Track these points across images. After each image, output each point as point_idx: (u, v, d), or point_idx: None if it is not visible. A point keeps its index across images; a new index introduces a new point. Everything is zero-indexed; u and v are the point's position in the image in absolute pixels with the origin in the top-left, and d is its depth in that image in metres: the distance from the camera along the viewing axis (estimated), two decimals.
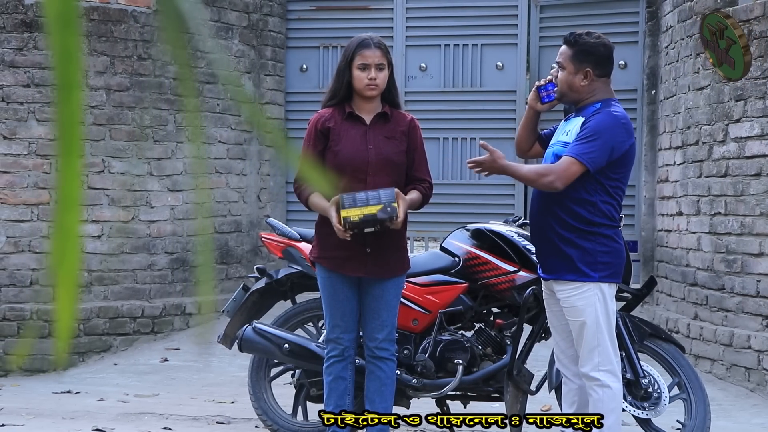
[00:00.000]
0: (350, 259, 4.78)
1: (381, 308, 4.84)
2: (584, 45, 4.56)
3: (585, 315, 4.49)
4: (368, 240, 4.72)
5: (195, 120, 2.47)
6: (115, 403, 6.66)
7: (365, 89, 4.77)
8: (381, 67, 4.77)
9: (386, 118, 4.85)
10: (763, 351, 6.90)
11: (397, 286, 4.89)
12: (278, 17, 9.59)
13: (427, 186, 4.90)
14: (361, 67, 4.75)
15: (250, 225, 9.31)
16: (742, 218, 7.16)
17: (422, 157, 4.94)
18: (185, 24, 1.11)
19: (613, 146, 4.43)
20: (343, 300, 4.84)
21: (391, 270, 4.84)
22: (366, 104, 4.84)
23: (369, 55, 4.75)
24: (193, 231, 8.66)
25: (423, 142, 4.97)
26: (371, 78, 4.75)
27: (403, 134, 4.86)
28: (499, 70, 9.37)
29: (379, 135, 4.82)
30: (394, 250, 4.84)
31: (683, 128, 7.93)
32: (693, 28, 7.74)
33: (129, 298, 8.41)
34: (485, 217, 7.68)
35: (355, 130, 4.81)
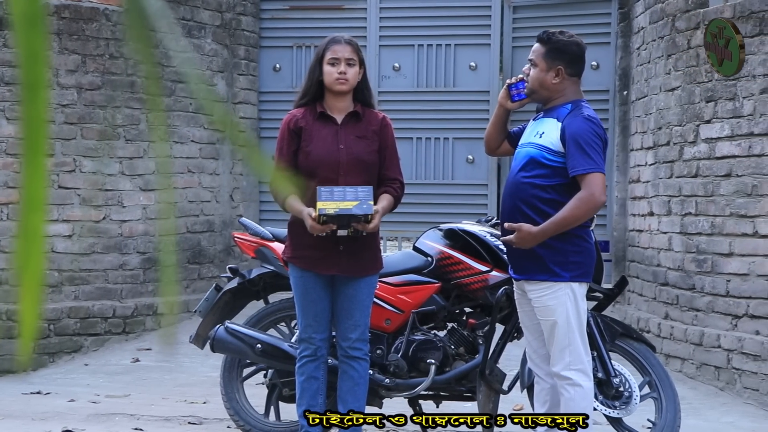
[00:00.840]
0: (323, 258, 4.78)
1: (354, 308, 4.84)
2: (557, 43, 4.60)
3: (556, 314, 4.51)
4: (341, 239, 4.73)
5: (161, 121, 2.47)
6: (86, 404, 6.62)
7: (335, 83, 4.78)
8: (351, 63, 4.80)
9: (358, 118, 4.86)
10: (733, 350, 6.95)
11: (369, 286, 4.90)
12: (251, 16, 9.57)
13: (398, 186, 4.91)
14: (331, 62, 4.78)
15: (223, 225, 9.28)
16: (712, 218, 7.21)
17: (394, 156, 4.95)
18: (151, 22, 1.10)
19: (603, 146, 4.52)
20: (315, 300, 4.84)
21: (364, 268, 4.84)
22: (337, 103, 4.85)
23: (339, 50, 4.79)
24: (165, 231, 8.62)
25: (395, 141, 4.98)
26: (341, 72, 4.77)
27: (375, 133, 4.87)
28: (472, 70, 9.39)
29: (351, 134, 4.82)
30: (367, 249, 4.85)
31: (654, 129, 7.98)
32: (664, 29, 7.79)
33: (100, 298, 8.36)
34: (458, 217, 7.70)
35: (327, 130, 4.81)
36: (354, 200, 4.59)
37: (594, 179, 4.43)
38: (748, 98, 6.92)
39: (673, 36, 7.65)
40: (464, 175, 9.40)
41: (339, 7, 9.61)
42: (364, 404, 4.99)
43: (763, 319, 6.81)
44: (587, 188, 4.42)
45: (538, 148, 4.58)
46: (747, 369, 6.84)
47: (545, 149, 4.55)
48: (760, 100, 6.84)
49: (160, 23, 1.12)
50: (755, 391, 6.77)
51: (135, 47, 1.14)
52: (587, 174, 4.43)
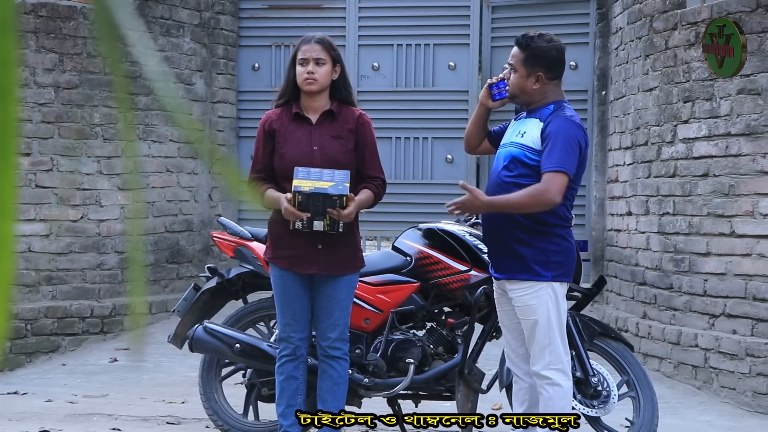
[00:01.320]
0: (302, 257, 4.78)
1: (333, 307, 4.84)
2: (536, 49, 4.58)
3: (537, 314, 4.52)
4: (320, 238, 4.72)
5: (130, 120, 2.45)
6: (63, 404, 6.58)
7: (304, 83, 4.80)
8: (320, 62, 4.80)
9: (333, 116, 4.85)
10: (710, 349, 6.99)
11: (349, 285, 4.89)
12: (230, 15, 9.54)
13: (379, 183, 4.90)
14: (301, 62, 4.80)
15: (202, 224, 9.25)
16: (689, 218, 7.25)
17: (374, 154, 4.94)
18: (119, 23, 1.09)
19: (579, 150, 4.49)
20: (294, 299, 4.83)
21: (343, 267, 4.84)
22: (312, 103, 4.85)
23: (307, 50, 4.80)
24: (143, 230, 8.59)
25: (375, 139, 4.97)
26: (309, 72, 4.77)
27: (351, 132, 4.86)
28: (452, 70, 9.40)
29: (326, 135, 4.82)
30: (346, 247, 4.84)
31: (633, 129, 8.01)
32: (642, 30, 7.82)
33: (78, 297, 8.32)
34: (437, 216, 7.70)
35: (301, 131, 4.81)
36: (330, 181, 4.61)
37: (554, 178, 4.41)
38: (725, 98, 6.96)
39: (651, 36, 7.69)
40: (443, 175, 9.41)
41: (318, 6, 9.60)
42: (344, 404, 4.99)
43: (740, 319, 6.85)
44: (545, 183, 4.41)
45: (520, 147, 4.58)
46: (724, 368, 6.88)
47: (527, 148, 4.55)
48: (737, 101, 6.88)
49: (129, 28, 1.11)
50: (732, 390, 6.81)
51: (103, 46, 1.13)
52: (549, 171, 4.43)
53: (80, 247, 8.35)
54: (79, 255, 8.34)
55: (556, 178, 4.40)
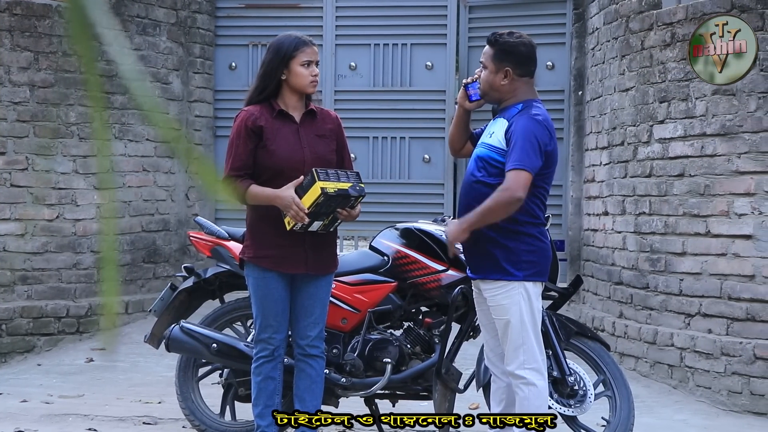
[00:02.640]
0: (289, 256, 4.76)
1: (315, 305, 4.85)
2: (504, 45, 4.62)
3: (510, 313, 4.53)
4: (306, 237, 4.73)
5: (103, 119, 2.45)
6: (39, 405, 6.55)
7: (309, 86, 4.82)
8: (317, 64, 4.88)
9: (314, 116, 4.87)
10: (686, 348, 7.03)
11: (329, 284, 4.94)
12: (207, 14, 9.51)
13: None
14: (305, 63, 4.79)
15: (178, 223, 9.22)
16: (665, 218, 7.28)
17: (349, 156, 5.03)
18: (92, 21, 1.09)
19: (541, 149, 4.50)
20: (277, 299, 4.81)
21: (327, 266, 4.88)
22: (295, 101, 4.85)
23: (311, 53, 4.83)
24: (118, 230, 8.55)
25: (346, 140, 5.06)
26: (314, 74, 4.82)
27: (332, 132, 4.91)
28: (429, 69, 9.41)
29: (311, 133, 4.84)
30: (329, 246, 4.88)
31: (609, 129, 8.05)
32: (618, 30, 7.86)
33: (54, 297, 8.28)
34: (414, 216, 7.72)
35: (287, 129, 4.81)
36: (347, 182, 4.66)
37: (514, 176, 4.43)
38: (700, 99, 7.00)
39: (627, 37, 7.72)
40: (421, 175, 9.42)
41: (295, 5, 9.59)
42: (321, 402, 4.98)
43: (716, 318, 6.89)
44: (506, 182, 4.44)
45: (487, 148, 4.62)
46: (699, 367, 6.92)
47: (494, 149, 4.58)
48: (712, 101, 6.92)
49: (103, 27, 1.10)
50: (707, 389, 6.85)
51: (77, 45, 1.13)
52: (511, 170, 4.45)
53: (56, 246, 8.30)
54: (54, 254, 8.29)
55: (516, 176, 4.43)
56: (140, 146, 8.81)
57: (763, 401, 6.60)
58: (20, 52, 8.11)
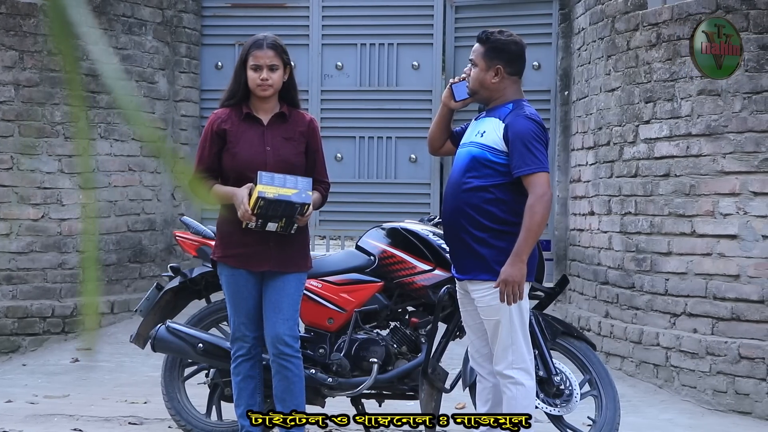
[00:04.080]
0: (254, 254, 4.77)
1: (282, 300, 4.80)
2: (496, 42, 4.63)
3: (500, 314, 4.53)
4: (271, 236, 4.73)
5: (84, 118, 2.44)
6: (24, 405, 6.52)
7: (257, 89, 4.79)
8: (274, 68, 4.78)
9: (284, 119, 4.86)
10: (671, 348, 7.05)
11: (299, 281, 4.88)
12: (193, 14, 9.49)
13: (326, 187, 4.98)
14: (253, 67, 4.77)
15: (164, 223, 9.20)
16: (651, 218, 7.30)
17: (322, 159, 4.99)
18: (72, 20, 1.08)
19: (546, 147, 4.57)
20: (247, 297, 4.82)
21: (295, 264, 4.85)
22: (263, 104, 4.84)
23: (260, 56, 4.77)
24: (101, 230, 8.53)
25: (321, 143, 5.01)
26: (263, 79, 4.76)
27: (302, 135, 4.87)
28: (415, 69, 9.42)
29: (278, 136, 4.82)
30: (297, 245, 4.85)
31: (595, 129, 8.06)
32: (604, 30, 7.88)
33: (39, 297, 8.25)
34: (401, 215, 7.71)
35: (253, 131, 4.80)
36: (293, 188, 4.62)
37: (539, 179, 4.47)
38: (685, 99, 7.02)
39: (613, 37, 7.74)
40: (407, 175, 9.43)
41: (281, 5, 9.58)
42: (304, 402, 4.96)
43: (701, 318, 6.91)
44: (533, 191, 4.45)
45: (480, 147, 4.60)
46: (685, 366, 6.94)
47: (488, 149, 4.57)
48: (698, 101, 6.94)
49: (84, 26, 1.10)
50: (693, 388, 6.88)
51: (58, 44, 1.12)
52: (532, 174, 4.46)
53: (41, 246, 8.27)
54: (39, 254, 8.26)
55: (540, 178, 4.47)
56: (126, 146, 8.79)
57: (747, 400, 6.63)
58: (5, 51, 8.08)
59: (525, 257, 4.45)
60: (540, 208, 4.44)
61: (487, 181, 4.55)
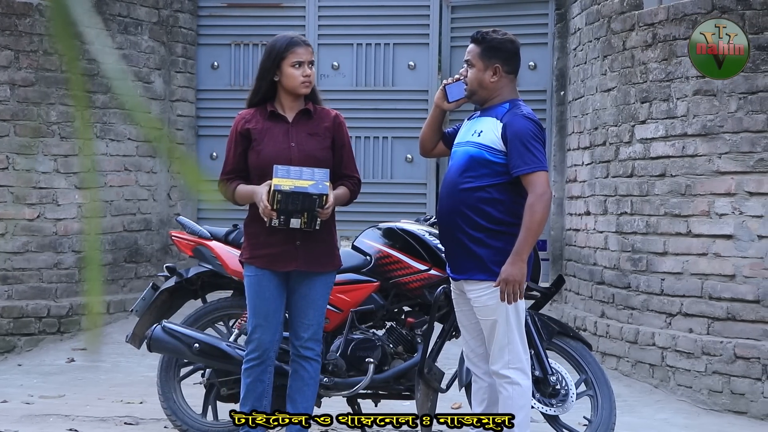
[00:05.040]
0: (281, 254, 4.75)
1: (308, 307, 4.82)
2: (492, 41, 4.63)
3: (496, 314, 4.54)
4: (297, 235, 4.71)
5: (86, 118, 2.44)
6: (19, 405, 6.51)
7: (300, 86, 4.78)
8: (312, 64, 4.82)
9: (309, 115, 4.85)
10: (667, 348, 7.06)
11: (325, 285, 4.86)
12: (189, 14, 9.49)
13: (355, 182, 4.92)
14: (296, 64, 4.76)
15: (160, 223, 9.19)
16: (647, 218, 7.31)
17: (350, 154, 4.95)
18: (76, 20, 1.08)
19: (544, 146, 4.58)
20: (268, 299, 4.79)
21: (322, 264, 4.82)
22: (290, 102, 4.83)
23: (302, 53, 4.78)
24: (100, 229, 8.52)
25: (350, 139, 4.99)
26: (306, 75, 4.77)
27: (328, 130, 4.86)
28: (411, 69, 9.42)
29: (303, 132, 4.81)
30: (324, 244, 4.82)
31: (591, 129, 8.07)
32: (600, 30, 7.88)
33: (34, 297, 8.24)
34: (397, 215, 7.72)
35: (278, 129, 4.80)
36: (310, 180, 4.59)
37: (538, 178, 4.47)
38: (681, 99, 7.03)
39: (609, 37, 7.74)
40: (403, 174, 9.43)
41: (277, 5, 9.58)
42: (313, 405, 4.97)
43: (697, 317, 6.92)
44: (533, 191, 4.45)
45: (478, 147, 4.59)
46: (680, 366, 6.95)
47: (486, 148, 4.57)
48: (693, 101, 6.95)
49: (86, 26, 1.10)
50: (688, 388, 6.88)
51: (59, 44, 1.12)
52: (531, 174, 4.47)
53: (37, 246, 8.26)
54: (35, 254, 8.25)
55: (540, 177, 4.48)
56: (122, 145, 8.78)
57: (743, 400, 6.63)
58: (0, 51, 8.07)
59: (525, 256, 4.45)
60: (540, 207, 4.44)
61: (484, 180, 4.55)
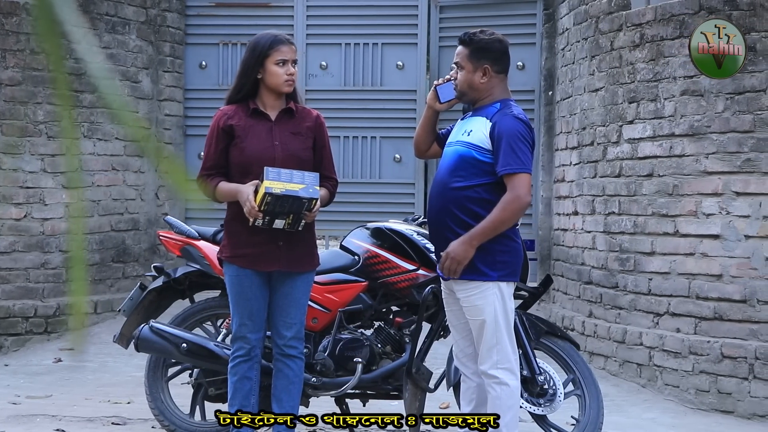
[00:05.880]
0: (263, 254, 4.75)
1: (290, 305, 4.82)
2: (480, 42, 4.62)
3: (485, 314, 4.54)
4: (280, 235, 4.71)
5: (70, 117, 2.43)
6: (6, 405, 6.49)
7: (283, 85, 4.78)
8: (295, 63, 4.82)
9: (291, 114, 4.85)
10: (654, 347, 7.07)
11: (306, 284, 4.88)
12: (177, 13, 9.47)
13: (334, 184, 4.94)
14: (279, 62, 4.76)
15: (148, 223, 9.17)
16: (635, 218, 7.33)
17: (329, 155, 4.98)
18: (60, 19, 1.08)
19: (531, 148, 4.56)
20: (251, 298, 4.80)
21: (303, 264, 4.83)
22: (272, 101, 4.83)
23: (286, 51, 4.79)
24: (87, 229, 8.49)
25: (329, 139, 4.99)
26: (290, 74, 4.78)
27: (310, 130, 4.87)
28: (400, 69, 9.42)
29: (285, 131, 4.81)
30: (305, 244, 4.83)
31: (579, 129, 8.08)
32: (588, 30, 7.90)
33: (21, 297, 8.21)
34: (385, 215, 7.72)
35: (261, 126, 4.80)
36: (300, 183, 4.59)
37: (520, 180, 4.46)
38: (669, 99, 7.05)
39: (597, 37, 7.76)
40: (391, 174, 9.43)
41: (266, 4, 9.57)
42: (299, 403, 4.97)
43: (684, 317, 6.94)
44: (512, 190, 4.45)
45: (466, 146, 4.59)
46: (668, 366, 6.97)
47: (475, 147, 4.56)
48: (681, 102, 6.96)
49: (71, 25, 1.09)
50: (676, 387, 6.90)
51: (44, 43, 1.12)
52: (514, 174, 4.46)
53: (24, 246, 8.24)
54: (22, 254, 8.23)
55: (521, 180, 4.46)
56: (109, 145, 8.76)
57: (730, 399, 6.65)
58: None
59: (476, 243, 4.45)
60: (513, 207, 4.44)
61: (473, 180, 4.55)
